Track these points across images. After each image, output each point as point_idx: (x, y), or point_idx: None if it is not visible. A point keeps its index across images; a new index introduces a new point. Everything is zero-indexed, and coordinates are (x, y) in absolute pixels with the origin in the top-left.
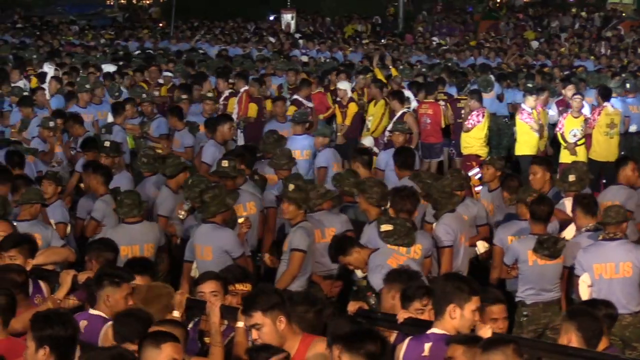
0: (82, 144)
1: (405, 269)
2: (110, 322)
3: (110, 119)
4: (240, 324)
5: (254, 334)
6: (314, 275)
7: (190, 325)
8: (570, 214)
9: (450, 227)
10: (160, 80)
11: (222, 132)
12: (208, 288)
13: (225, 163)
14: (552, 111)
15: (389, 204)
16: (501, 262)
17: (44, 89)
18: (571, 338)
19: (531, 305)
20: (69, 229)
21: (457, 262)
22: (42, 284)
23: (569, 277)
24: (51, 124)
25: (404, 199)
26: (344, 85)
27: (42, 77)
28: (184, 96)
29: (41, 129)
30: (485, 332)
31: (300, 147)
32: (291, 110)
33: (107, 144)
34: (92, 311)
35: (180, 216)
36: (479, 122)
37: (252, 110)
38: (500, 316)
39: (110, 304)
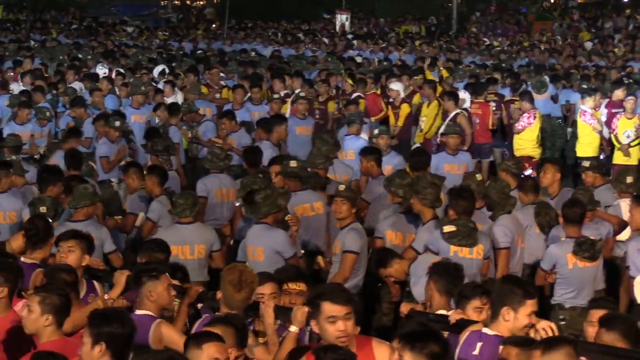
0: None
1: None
2: (158, 320)
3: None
4: (292, 328)
5: (341, 324)
6: None
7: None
8: (626, 216)
9: (508, 229)
10: (223, 82)
11: (278, 133)
12: (268, 290)
13: (294, 163)
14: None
15: (443, 205)
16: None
17: (100, 90)
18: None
19: (569, 309)
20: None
21: (513, 264)
22: (96, 284)
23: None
24: (117, 123)
25: (465, 200)
26: (396, 86)
27: (94, 77)
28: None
29: (107, 128)
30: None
31: (353, 147)
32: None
33: (159, 146)
34: (138, 312)
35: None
36: (530, 124)
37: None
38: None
39: (154, 298)
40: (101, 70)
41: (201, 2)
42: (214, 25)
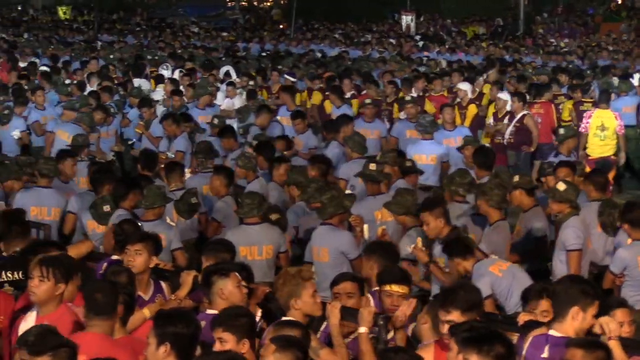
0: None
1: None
2: None
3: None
4: (362, 330)
5: (444, 328)
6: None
7: (322, 328)
8: None
9: (580, 230)
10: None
11: (344, 133)
12: (344, 289)
13: (372, 166)
14: None
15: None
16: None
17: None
18: None
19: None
20: None
21: (583, 266)
22: (163, 284)
23: None
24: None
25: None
26: (464, 86)
27: (160, 78)
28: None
29: (174, 127)
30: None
31: (426, 151)
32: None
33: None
34: (209, 311)
35: None
36: (587, 124)
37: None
38: (625, 320)
39: (225, 296)
40: (166, 71)
41: (268, 3)
42: (280, 26)
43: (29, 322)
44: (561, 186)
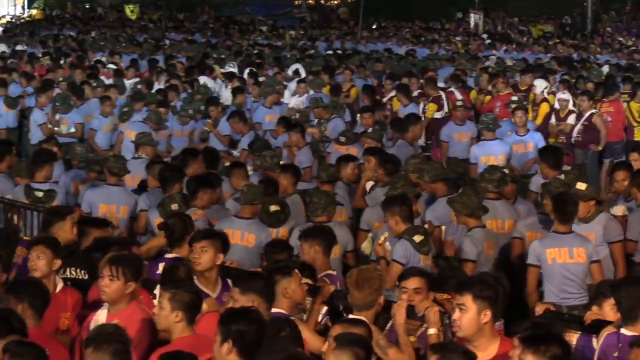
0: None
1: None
2: (291, 319)
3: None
4: (431, 331)
5: (456, 313)
6: None
7: (388, 327)
8: None
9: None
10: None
11: (413, 132)
12: (412, 284)
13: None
14: None
15: None
16: None
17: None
18: None
19: None
20: None
21: None
22: (230, 283)
23: None
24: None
25: (408, 207)
26: (539, 83)
27: (232, 76)
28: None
29: (242, 125)
30: None
31: (494, 152)
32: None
33: None
34: (273, 310)
35: None
36: None
37: (431, 109)
38: None
39: (289, 295)
40: (232, 69)
41: (335, 2)
42: (348, 25)
43: (99, 319)
44: (582, 186)
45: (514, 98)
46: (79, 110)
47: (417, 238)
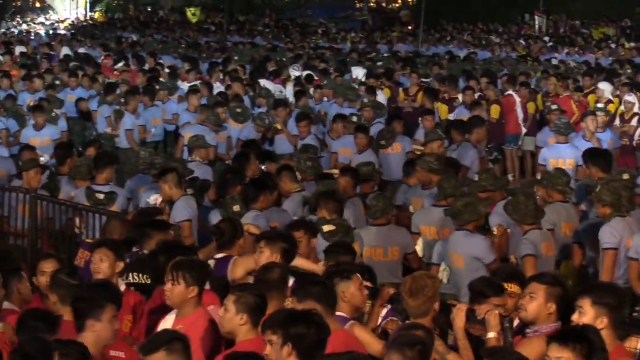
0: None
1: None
2: (351, 322)
3: None
4: (490, 335)
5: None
6: None
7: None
8: None
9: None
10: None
11: (477, 134)
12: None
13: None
14: None
15: None
16: None
17: (308, 93)
18: None
19: None
20: None
21: None
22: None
23: None
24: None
25: (335, 201)
26: (603, 86)
27: (309, 77)
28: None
29: (309, 127)
30: None
31: (563, 155)
32: None
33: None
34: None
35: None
36: None
37: (494, 111)
38: None
39: (347, 299)
40: (296, 72)
41: (396, 5)
42: (409, 28)
43: (167, 323)
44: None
45: (600, 105)
46: (143, 112)
47: (326, 228)
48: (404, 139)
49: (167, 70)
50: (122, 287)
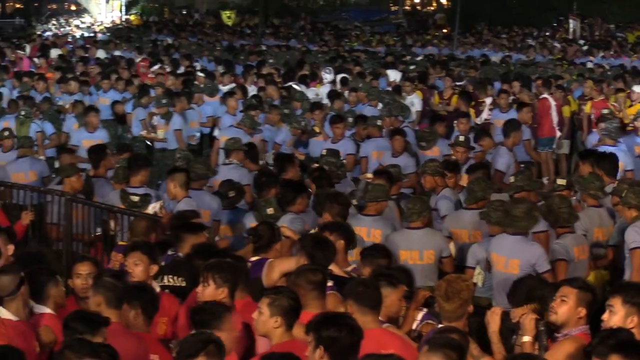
0: None
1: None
2: (386, 324)
3: None
4: (526, 338)
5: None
6: None
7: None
8: None
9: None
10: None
11: (514, 138)
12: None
13: (561, 181)
14: None
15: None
16: None
17: (343, 96)
18: None
19: None
20: None
21: None
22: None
23: None
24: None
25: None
26: (638, 89)
27: (344, 81)
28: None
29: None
30: None
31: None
32: None
33: None
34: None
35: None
36: None
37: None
38: None
39: (386, 304)
40: (328, 75)
41: (431, 8)
42: (444, 31)
43: None
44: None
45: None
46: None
47: (270, 211)
48: (442, 142)
49: (200, 73)
50: (157, 290)
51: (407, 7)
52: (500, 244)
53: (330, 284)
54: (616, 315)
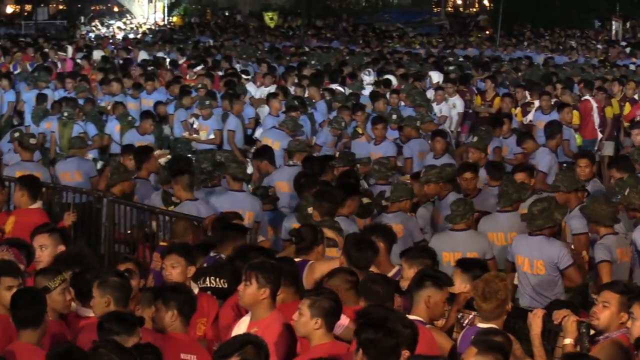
0: None
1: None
2: (428, 326)
3: None
4: (567, 341)
5: (629, 322)
6: None
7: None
8: None
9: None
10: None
11: (557, 140)
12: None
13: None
14: None
15: None
16: None
17: (384, 98)
18: None
19: None
20: None
21: None
22: None
23: None
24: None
25: (328, 202)
26: None
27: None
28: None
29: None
30: None
31: None
32: None
33: None
34: (409, 316)
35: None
36: None
37: (576, 117)
38: None
39: (430, 305)
40: (368, 77)
41: (474, 9)
42: (486, 32)
43: (241, 327)
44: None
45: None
46: (218, 117)
47: (310, 210)
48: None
49: (243, 75)
50: (195, 290)
51: (449, 9)
52: (522, 245)
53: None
54: (637, 321)
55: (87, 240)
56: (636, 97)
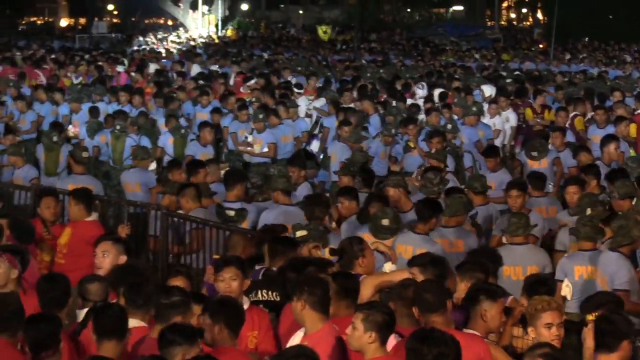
0: None
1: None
2: (485, 341)
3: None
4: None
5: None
6: None
7: None
8: None
9: None
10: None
11: (610, 155)
12: None
13: None
14: None
15: None
16: None
17: (438, 111)
18: None
19: None
20: None
21: None
22: None
23: None
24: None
25: (318, 207)
26: None
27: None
28: None
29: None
30: None
31: None
32: None
33: None
34: (466, 330)
35: None
36: None
37: (633, 129)
38: None
39: (487, 319)
40: (421, 91)
41: (527, 23)
42: (540, 46)
43: (295, 340)
44: None
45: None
46: (272, 130)
47: (299, 233)
48: (551, 154)
49: (295, 88)
50: (247, 304)
51: (503, 22)
52: (605, 262)
53: None
54: None
55: (138, 250)
56: None
